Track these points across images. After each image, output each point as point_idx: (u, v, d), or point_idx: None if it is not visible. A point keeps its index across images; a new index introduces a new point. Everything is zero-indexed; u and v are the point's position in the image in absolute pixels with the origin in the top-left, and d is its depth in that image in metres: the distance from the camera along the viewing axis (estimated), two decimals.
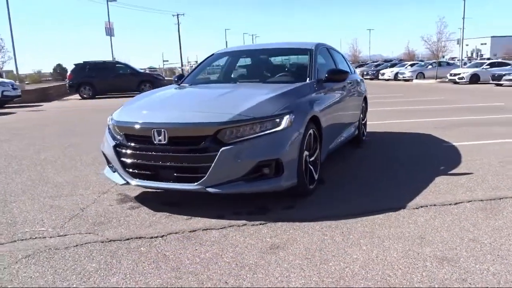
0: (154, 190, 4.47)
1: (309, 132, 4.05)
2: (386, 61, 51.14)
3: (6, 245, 3.32)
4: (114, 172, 4.21)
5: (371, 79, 37.66)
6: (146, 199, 4.30)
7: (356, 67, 43.55)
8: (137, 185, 3.97)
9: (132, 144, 3.91)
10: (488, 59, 42.70)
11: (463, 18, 31.88)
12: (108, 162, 4.34)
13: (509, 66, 25.42)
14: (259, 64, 5.72)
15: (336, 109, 5.14)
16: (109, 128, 4.26)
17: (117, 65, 23.86)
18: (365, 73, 39.34)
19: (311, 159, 4.22)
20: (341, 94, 5.47)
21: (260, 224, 3.59)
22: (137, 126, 3.88)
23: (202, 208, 3.98)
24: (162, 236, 3.39)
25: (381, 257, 2.93)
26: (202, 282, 2.66)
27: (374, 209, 3.85)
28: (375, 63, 44.44)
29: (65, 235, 3.48)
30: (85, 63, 22.83)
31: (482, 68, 26.37)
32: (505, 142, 6.98)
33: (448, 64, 34.21)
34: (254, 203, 4.03)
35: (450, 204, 3.96)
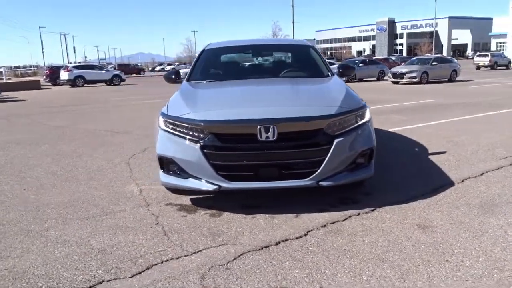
0: (195, 195, 4.15)
1: None
2: None
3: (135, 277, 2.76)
4: (187, 178, 3.75)
5: None
6: (218, 205, 3.96)
7: None
8: (233, 189, 3.63)
9: (229, 144, 3.57)
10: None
11: (293, 22, 35.35)
12: (167, 168, 3.84)
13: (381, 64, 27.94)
14: (266, 59, 5.66)
15: None
16: (175, 129, 3.76)
17: None
18: None
19: None
20: None
21: (371, 210, 3.72)
22: (239, 124, 3.56)
23: (288, 205, 3.87)
24: (306, 235, 3.25)
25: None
26: (402, 265, 2.72)
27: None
28: None
29: (197, 251, 3.04)
30: None
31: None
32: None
33: None
34: (332, 196, 4.07)
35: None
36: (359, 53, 73.31)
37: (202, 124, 3.57)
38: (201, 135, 3.58)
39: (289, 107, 3.73)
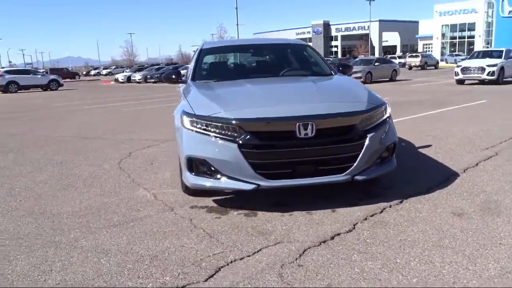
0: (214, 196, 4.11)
1: None
2: (168, 64, 52.01)
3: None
4: (220, 178, 3.67)
5: (155, 82, 37.86)
6: (248, 205, 3.89)
7: (135, 71, 43.07)
8: (272, 187, 3.60)
9: (267, 142, 3.54)
10: None
11: (237, 24, 35.47)
12: (197, 169, 3.74)
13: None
14: (266, 59, 5.64)
15: None
16: (206, 129, 3.66)
17: None
18: (148, 76, 39.26)
19: None
20: None
21: (400, 202, 3.84)
22: (278, 122, 3.53)
23: (317, 202, 3.90)
24: (354, 228, 3.30)
25: None
26: (463, 250, 2.87)
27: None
28: (156, 67, 44.73)
29: (257, 251, 2.99)
30: None
31: None
32: None
33: None
34: (355, 190, 4.15)
35: None
36: None
37: (238, 122, 3.51)
38: (238, 134, 3.51)
39: (323, 104, 3.77)
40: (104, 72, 72.08)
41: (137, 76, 39.87)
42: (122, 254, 3.02)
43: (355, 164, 3.62)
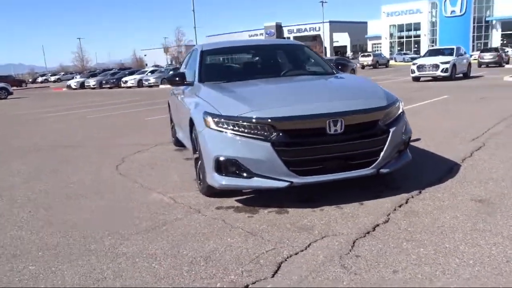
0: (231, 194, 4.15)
1: None
2: (121, 69, 50.73)
3: None
4: (249, 178, 3.70)
5: (110, 87, 36.94)
6: (274, 203, 3.93)
7: (88, 77, 41.74)
8: (304, 183, 3.67)
9: (299, 140, 3.62)
10: None
11: (195, 27, 35.24)
12: (226, 169, 3.76)
13: None
14: (269, 59, 5.70)
15: None
16: (235, 129, 3.68)
17: None
18: (103, 81, 38.23)
19: None
20: None
21: (419, 193, 4.02)
22: (309, 120, 3.61)
23: (341, 195, 4.01)
24: (389, 219, 3.44)
25: None
26: (501, 232, 3.07)
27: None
28: (111, 72, 43.58)
29: (308, 245, 3.06)
30: None
31: None
32: None
33: None
34: (372, 184, 4.29)
35: None
36: None
37: (271, 121, 3.56)
38: (270, 133, 3.57)
39: (348, 101, 3.89)
40: (53, 78, 69.25)
41: (91, 82, 38.72)
42: (171, 257, 2.99)
43: (380, 158, 3.77)
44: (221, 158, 3.71)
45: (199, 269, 2.78)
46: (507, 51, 37.05)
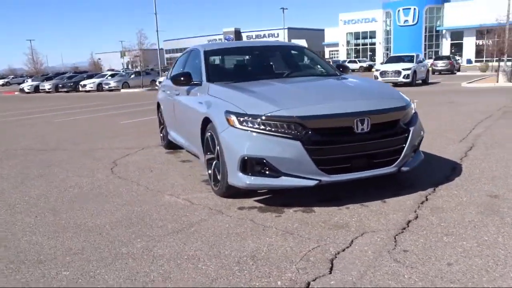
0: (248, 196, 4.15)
1: None
2: (76, 72, 48.96)
3: None
4: (277, 177, 3.69)
5: (67, 91, 35.70)
6: (297, 202, 3.93)
7: (43, 80, 40.12)
8: (332, 181, 3.69)
9: (329, 138, 3.64)
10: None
11: (157, 31, 34.69)
12: (252, 168, 3.73)
13: None
14: (273, 60, 5.70)
15: None
16: (262, 128, 3.66)
17: None
18: (60, 85, 36.87)
19: None
20: None
21: (434, 190, 4.15)
22: (339, 118, 3.64)
23: (364, 194, 4.07)
24: (417, 215, 3.52)
25: None
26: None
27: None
28: (67, 75, 42.03)
29: (351, 242, 3.08)
30: None
31: None
32: None
33: (147, 73, 36.34)
34: (386, 183, 4.39)
35: None
36: None
37: (301, 120, 3.57)
38: (300, 131, 3.57)
39: (373, 100, 3.96)
40: (1, 82, 65.95)
41: (47, 86, 37.25)
42: (215, 257, 2.92)
43: (401, 157, 3.86)
44: (248, 158, 3.66)
45: (251, 268, 2.73)
46: (458, 59, 39.06)
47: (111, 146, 7.76)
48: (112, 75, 36.28)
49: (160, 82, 28.56)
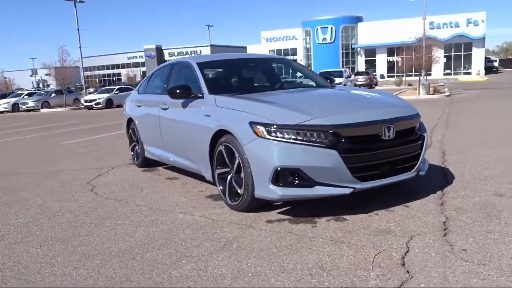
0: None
1: None
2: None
3: None
4: (311, 187, 3.67)
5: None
6: (324, 212, 3.95)
7: None
8: (365, 189, 3.73)
9: (361, 146, 3.70)
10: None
11: (80, 47, 33.03)
12: (284, 179, 3.68)
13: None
14: (267, 72, 5.68)
15: None
16: (294, 138, 3.63)
17: None
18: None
19: None
20: None
21: (443, 194, 4.38)
22: (369, 126, 3.71)
23: (381, 200, 4.17)
24: (447, 217, 3.68)
25: None
26: None
27: None
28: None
29: (406, 244, 3.14)
30: None
31: (114, 93, 28.68)
32: None
33: (70, 91, 34.30)
34: (396, 189, 4.53)
35: None
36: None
37: (336, 129, 3.59)
38: (335, 140, 3.59)
39: (393, 109, 4.09)
40: None
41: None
42: (282, 272, 2.83)
43: (418, 162, 4.04)
44: (281, 168, 3.60)
45: (329, 279, 2.67)
46: (375, 74, 41.81)
47: (72, 168, 7.22)
48: (30, 94, 33.78)
49: (91, 101, 27.10)
